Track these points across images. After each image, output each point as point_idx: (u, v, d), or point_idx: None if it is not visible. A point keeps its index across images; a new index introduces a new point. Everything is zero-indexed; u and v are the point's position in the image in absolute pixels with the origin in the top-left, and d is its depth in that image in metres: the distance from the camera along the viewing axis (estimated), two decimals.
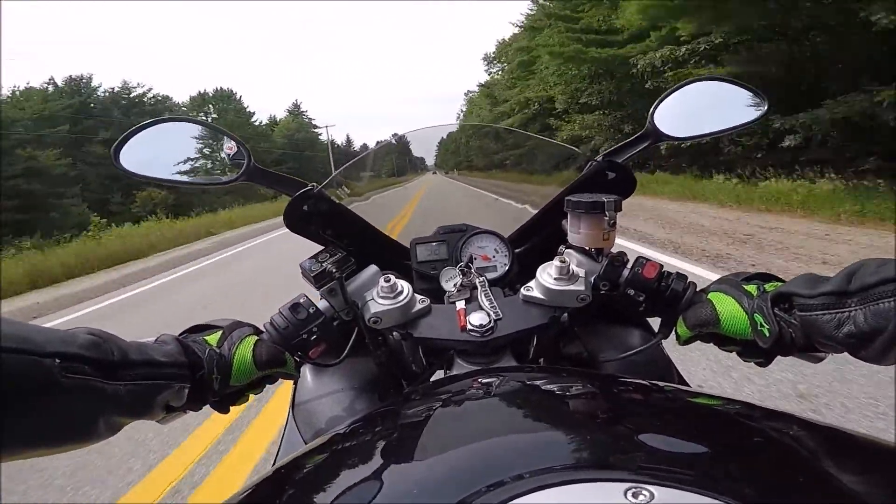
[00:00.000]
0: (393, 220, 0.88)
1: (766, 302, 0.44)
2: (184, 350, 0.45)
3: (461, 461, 0.30)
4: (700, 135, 0.65)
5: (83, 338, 0.36)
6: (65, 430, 0.35)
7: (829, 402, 1.90)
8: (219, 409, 0.50)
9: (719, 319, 0.48)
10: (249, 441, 2.11)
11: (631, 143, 0.64)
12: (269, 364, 0.50)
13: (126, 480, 1.94)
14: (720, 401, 0.41)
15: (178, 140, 0.59)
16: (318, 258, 0.56)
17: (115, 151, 0.54)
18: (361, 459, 0.35)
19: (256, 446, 2.06)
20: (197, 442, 2.15)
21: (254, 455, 1.99)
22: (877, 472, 0.28)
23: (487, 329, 0.52)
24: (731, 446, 0.31)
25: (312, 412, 0.61)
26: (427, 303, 0.56)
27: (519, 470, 0.26)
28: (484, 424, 0.36)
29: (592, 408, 0.39)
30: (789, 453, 0.30)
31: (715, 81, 0.67)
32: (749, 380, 2.11)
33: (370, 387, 0.63)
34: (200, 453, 2.05)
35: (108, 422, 0.37)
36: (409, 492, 0.28)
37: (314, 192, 0.61)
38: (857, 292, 0.38)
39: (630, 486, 0.24)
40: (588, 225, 0.56)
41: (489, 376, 0.48)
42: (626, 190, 0.64)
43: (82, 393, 0.35)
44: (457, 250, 0.70)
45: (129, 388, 0.38)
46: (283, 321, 0.53)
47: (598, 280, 0.55)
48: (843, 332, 0.38)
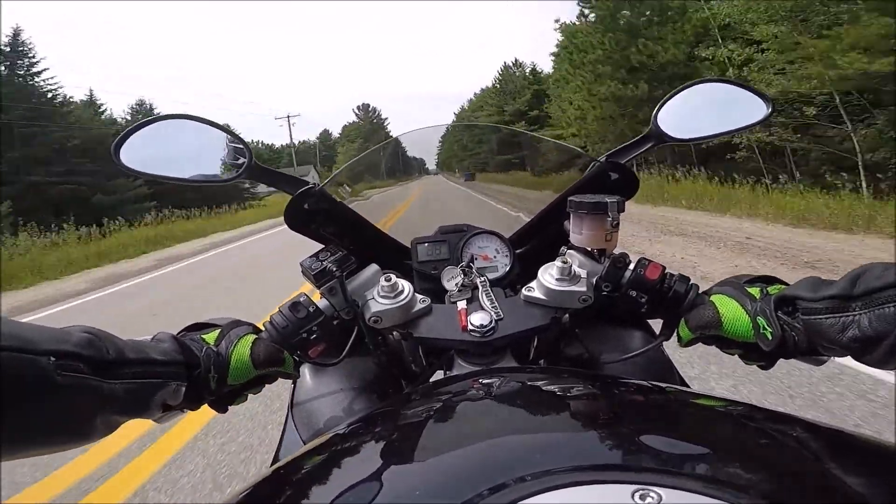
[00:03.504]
0: (393, 219, 0.88)
1: (770, 305, 0.44)
2: (181, 348, 0.44)
3: (463, 462, 0.30)
4: (703, 136, 0.65)
5: (78, 336, 0.36)
6: (61, 429, 0.35)
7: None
8: (216, 408, 0.50)
9: (721, 322, 0.48)
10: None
11: (634, 144, 0.64)
12: (267, 363, 0.49)
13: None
14: (723, 403, 0.41)
15: (178, 137, 0.58)
16: (318, 257, 0.56)
17: (116, 148, 0.54)
18: (361, 460, 0.34)
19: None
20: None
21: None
22: (880, 473, 0.28)
23: (488, 329, 0.52)
24: (736, 448, 0.31)
25: (311, 412, 0.61)
26: (428, 302, 0.56)
27: (523, 471, 0.25)
28: (485, 425, 0.36)
29: (596, 409, 0.39)
30: (794, 455, 0.30)
31: (718, 83, 0.67)
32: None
33: (370, 387, 0.63)
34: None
35: (104, 420, 0.37)
36: (411, 493, 0.27)
37: (315, 191, 0.60)
38: (861, 296, 0.37)
39: (638, 488, 0.23)
40: (590, 226, 0.56)
41: (490, 377, 0.47)
42: (628, 191, 0.64)
43: (78, 391, 0.34)
44: (458, 250, 0.69)
45: (126, 387, 0.38)
46: (282, 320, 0.53)
47: (599, 281, 0.55)
48: (846, 336, 0.38)
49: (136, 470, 1.99)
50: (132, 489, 1.85)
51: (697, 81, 0.65)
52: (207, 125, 0.58)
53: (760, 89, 0.63)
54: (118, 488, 1.88)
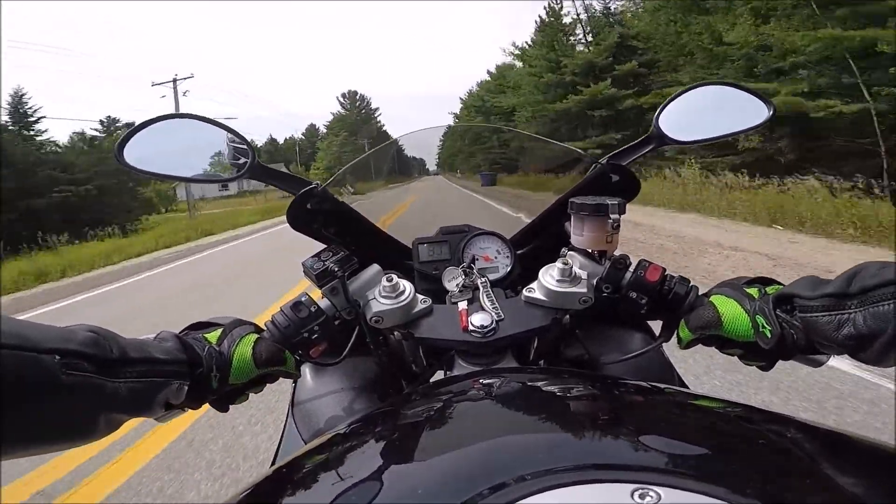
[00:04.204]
0: (393, 218, 0.88)
1: (768, 303, 0.45)
2: (183, 347, 0.44)
3: (463, 462, 0.30)
4: (704, 139, 0.65)
5: (82, 335, 0.36)
6: (65, 427, 0.35)
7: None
8: (218, 407, 0.50)
9: (722, 321, 0.48)
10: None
11: (635, 145, 0.64)
12: (269, 362, 0.49)
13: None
14: (722, 403, 0.41)
15: (182, 136, 0.58)
16: (320, 256, 0.56)
17: (119, 147, 0.54)
18: (362, 460, 0.35)
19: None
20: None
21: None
22: (879, 474, 0.28)
23: (489, 330, 0.52)
24: (735, 449, 0.31)
25: (312, 412, 0.61)
26: (429, 303, 0.56)
27: (522, 471, 0.26)
28: (486, 425, 0.36)
29: (595, 409, 0.39)
30: (792, 456, 0.30)
31: (719, 86, 0.67)
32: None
33: (370, 387, 0.63)
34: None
35: (107, 419, 0.37)
36: (411, 493, 0.27)
37: (318, 191, 0.61)
38: (856, 294, 0.38)
39: (637, 488, 0.23)
40: (591, 227, 0.56)
41: (490, 377, 0.48)
42: (629, 193, 0.64)
43: (82, 390, 0.34)
44: (459, 251, 0.70)
45: (129, 386, 0.38)
46: (284, 319, 0.53)
47: (600, 282, 0.55)
48: (842, 334, 0.38)
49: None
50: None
51: (699, 84, 0.65)
52: (210, 124, 0.59)
53: (762, 93, 0.63)
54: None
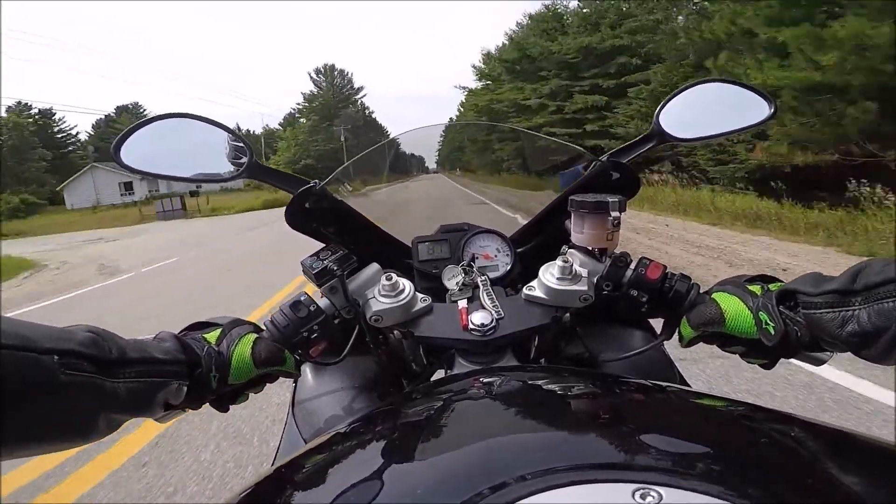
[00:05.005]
0: (392, 217, 0.88)
1: (772, 300, 0.44)
2: (182, 348, 0.44)
3: (464, 461, 0.30)
4: (705, 136, 0.65)
5: (81, 335, 0.36)
6: (63, 428, 0.35)
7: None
8: (217, 407, 0.50)
9: (724, 318, 0.48)
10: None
11: (636, 143, 0.64)
12: (268, 362, 0.49)
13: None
14: (724, 402, 0.41)
15: (179, 136, 0.58)
16: (319, 256, 0.56)
17: (116, 147, 0.54)
18: (362, 459, 0.34)
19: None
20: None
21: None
22: (880, 473, 0.28)
23: (489, 328, 0.52)
24: (736, 448, 0.31)
25: (312, 411, 0.61)
26: (429, 301, 0.56)
27: (523, 470, 0.25)
28: (486, 424, 0.36)
29: (596, 408, 0.39)
30: (794, 455, 0.30)
31: (721, 83, 0.67)
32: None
33: (370, 386, 0.63)
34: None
35: (107, 419, 0.37)
36: (412, 492, 0.27)
37: (316, 190, 0.60)
38: (861, 291, 0.37)
39: (638, 487, 0.23)
40: (592, 225, 0.56)
41: (490, 376, 0.47)
42: (630, 190, 0.64)
43: (81, 390, 0.34)
44: (459, 249, 0.69)
45: (129, 386, 0.38)
46: (283, 319, 0.53)
47: (601, 280, 0.55)
48: (846, 331, 0.38)
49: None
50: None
51: (700, 81, 0.65)
52: (208, 124, 0.58)
53: (763, 89, 0.63)
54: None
